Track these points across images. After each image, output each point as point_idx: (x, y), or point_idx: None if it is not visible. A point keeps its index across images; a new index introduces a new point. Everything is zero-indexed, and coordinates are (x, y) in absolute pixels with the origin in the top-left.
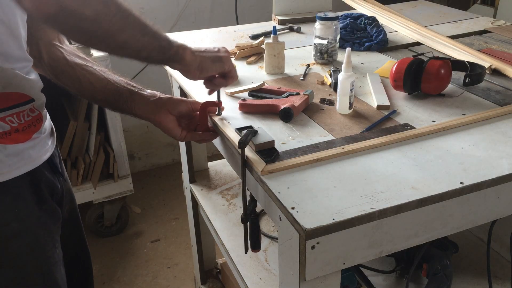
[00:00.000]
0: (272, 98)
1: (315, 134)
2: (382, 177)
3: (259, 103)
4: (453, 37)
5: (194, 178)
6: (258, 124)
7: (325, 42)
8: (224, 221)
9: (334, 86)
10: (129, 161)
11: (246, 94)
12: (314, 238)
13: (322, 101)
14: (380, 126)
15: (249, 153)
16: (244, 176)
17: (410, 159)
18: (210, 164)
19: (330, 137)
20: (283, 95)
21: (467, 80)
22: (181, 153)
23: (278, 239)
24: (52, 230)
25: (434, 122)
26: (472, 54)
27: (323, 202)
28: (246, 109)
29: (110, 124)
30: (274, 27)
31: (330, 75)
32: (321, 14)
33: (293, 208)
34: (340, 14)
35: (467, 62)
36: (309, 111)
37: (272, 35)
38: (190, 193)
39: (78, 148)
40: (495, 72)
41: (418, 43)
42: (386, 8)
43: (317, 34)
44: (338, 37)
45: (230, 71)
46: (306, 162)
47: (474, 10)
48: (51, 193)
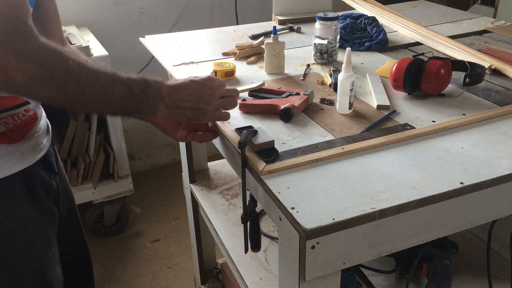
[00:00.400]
0: (272, 98)
1: (315, 134)
2: (382, 177)
3: (259, 103)
4: (453, 37)
5: (194, 178)
6: (258, 124)
7: (325, 42)
8: (224, 221)
9: (334, 86)
10: (129, 161)
11: (246, 94)
12: (314, 238)
13: (322, 101)
14: (380, 126)
15: (249, 153)
16: (244, 176)
17: (410, 159)
18: (210, 164)
19: (330, 137)
20: (283, 95)
21: (467, 80)
22: (181, 153)
23: (278, 239)
24: (46, 229)
25: (434, 122)
26: (472, 54)
27: (323, 202)
28: (246, 109)
29: (110, 124)
30: (274, 27)
31: (330, 75)
32: (321, 14)
33: (293, 208)
34: (340, 14)
35: (467, 62)
36: (309, 111)
37: (272, 35)
38: (190, 193)
39: (78, 148)
40: (495, 72)
41: (418, 43)
42: (386, 8)
43: (317, 34)
44: (338, 37)
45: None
46: (306, 162)
47: (474, 10)
48: (47, 192)
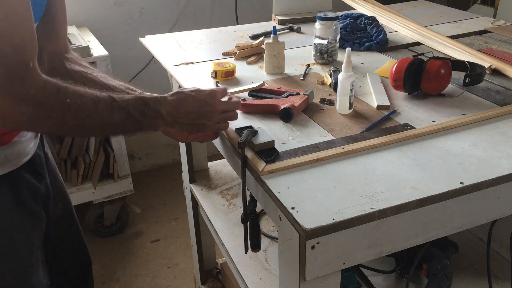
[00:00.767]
0: (272, 98)
1: (315, 134)
2: (382, 177)
3: (259, 103)
4: (453, 37)
5: (194, 178)
6: (258, 124)
7: (325, 42)
8: (224, 221)
9: (334, 86)
10: (129, 161)
11: (246, 94)
12: (314, 238)
13: (322, 101)
14: (380, 126)
15: (249, 153)
16: (244, 176)
17: (410, 159)
18: (210, 164)
19: (330, 137)
20: (283, 95)
21: (467, 80)
22: (181, 153)
23: (278, 239)
24: (30, 233)
25: (434, 122)
26: (472, 54)
27: (323, 202)
28: (246, 109)
29: None
30: (274, 27)
31: (330, 75)
32: (321, 14)
33: (293, 208)
34: (340, 14)
35: (467, 62)
36: (309, 111)
37: (272, 35)
38: (190, 193)
39: (78, 148)
40: (495, 72)
41: (418, 43)
42: (386, 8)
43: (317, 34)
44: (338, 37)
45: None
46: (306, 162)
47: (474, 10)
48: (33, 195)
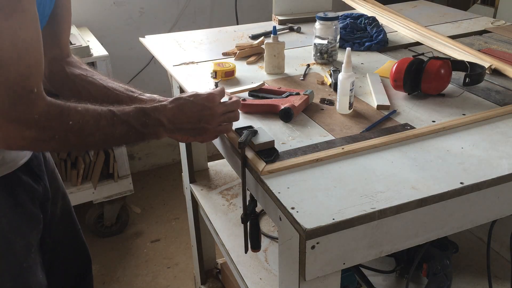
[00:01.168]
0: (272, 98)
1: (315, 134)
2: (382, 177)
3: (259, 103)
4: (453, 37)
5: (194, 178)
6: (258, 124)
7: (325, 42)
8: (224, 221)
9: (334, 86)
10: (129, 161)
11: (246, 94)
12: (314, 238)
13: (322, 101)
14: (380, 126)
15: (249, 153)
16: (244, 176)
17: (410, 159)
18: (210, 164)
19: (330, 137)
20: (283, 95)
21: (467, 80)
22: (181, 153)
23: (278, 239)
24: (27, 234)
25: (434, 122)
26: (472, 54)
27: (323, 202)
28: (246, 109)
29: None
30: (274, 27)
31: (330, 75)
32: (321, 14)
33: (293, 208)
34: (340, 14)
35: (467, 62)
36: (309, 111)
37: (272, 35)
38: (190, 193)
39: None
40: (495, 72)
41: (418, 43)
42: (386, 8)
43: (317, 34)
44: (338, 37)
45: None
46: (306, 162)
47: (474, 10)
48: (31, 197)
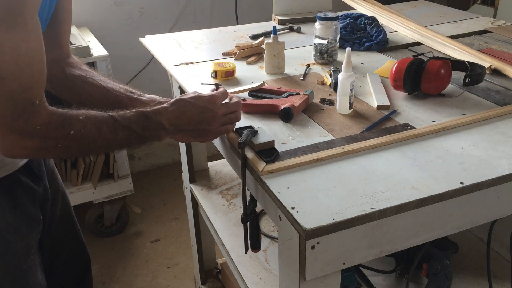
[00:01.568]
0: (272, 98)
1: (315, 134)
2: (382, 177)
3: (259, 103)
4: (453, 37)
5: (194, 178)
6: (258, 124)
7: (325, 42)
8: (224, 221)
9: (334, 86)
10: (129, 161)
11: (246, 94)
12: (314, 238)
13: (322, 101)
14: (380, 126)
15: (249, 153)
16: (244, 176)
17: (410, 159)
18: (210, 164)
19: (330, 137)
20: (283, 95)
21: (467, 80)
22: (181, 153)
23: (278, 239)
24: (26, 236)
25: (434, 122)
26: (472, 54)
27: (323, 202)
28: (246, 109)
29: None
30: (274, 27)
31: (330, 75)
32: (321, 14)
33: (293, 208)
34: (340, 14)
35: (467, 62)
36: (309, 111)
37: (272, 35)
38: (190, 193)
39: None
40: (495, 72)
41: (418, 43)
42: (386, 8)
43: (317, 34)
44: (338, 37)
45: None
46: (306, 162)
47: (474, 10)
48: (31, 198)
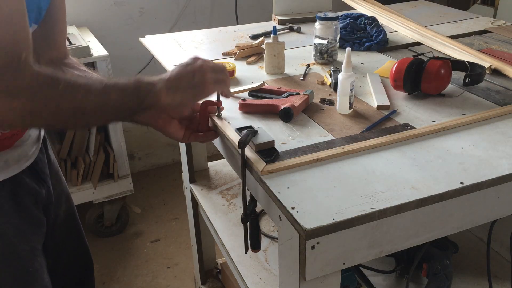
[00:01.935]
0: (272, 98)
1: (315, 134)
2: (382, 177)
3: (259, 103)
4: (453, 37)
5: (194, 178)
6: (258, 124)
7: (325, 42)
8: (224, 221)
9: (334, 86)
10: (129, 161)
11: (246, 94)
12: (314, 238)
13: (322, 101)
14: (380, 126)
15: (249, 153)
16: (244, 176)
17: (410, 159)
18: (210, 164)
19: (330, 137)
20: (283, 95)
21: (467, 80)
22: (181, 153)
23: (278, 239)
24: (31, 239)
25: (434, 122)
26: (472, 54)
27: (323, 202)
28: (246, 109)
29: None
30: (274, 27)
31: (330, 75)
32: (321, 14)
33: (293, 208)
34: (340, 14)
35: (467, 62)
36: (309, 111)
37: (272, 35)
38: (190, 193)
39: (78, 148)
40: (495, 72)
41: (418, 43)
42: (386, 8)
43: (317, 34)
44: (338, 37)
45: (220, 89)
46: (306, 162)
47: (474, 10)
48: (35, 200)
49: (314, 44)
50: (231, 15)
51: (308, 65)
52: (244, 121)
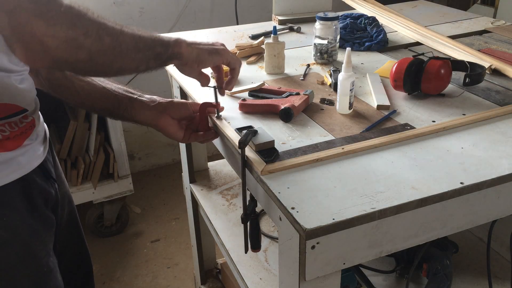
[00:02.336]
0: (272, 98)
1: (315, 134)
2: (382, 177)
3: (259, 103)
4: (453, 37)
5: (194, 178)
6: (258, 124)
7: (325, 42)
8: (224, 221)
9: (334, 86)
10: (129, 161)
11: (246, 94)
12: (314, 238)
13: (322, 101)
14: (380, 126)
15: (249, 153)
16: (244, 176)
17: (410, 159)
18: (210, 164)
19: (330, 137)
20: (283, 95)
21: (467, 80)
22: (181, 153)
23: (278, 239)
24: (44, 238)
25: (434, 122)
26: (472, 54)
27: (323, 202)
28: (246, 109)
29: (110, 124)
30: (274, 27)
31: (330, 75)
32: (321, 14)
33: (293, 208)
34: (340, 14)
35: (467, 62)
36: (309, 111)
37: (272, 35)
38: (190, 193)
39: (78, 148)
40: (495, 72)
41: (418, 43)
42: (386, 8)
43: (317, 34)
44: (338, 37)
45: (229, 63)
46: (306, 162)
47: (474, 10)
48: (45, 200)
49: (314, 44)
50: (231, 15)
51: (308, 65)
52: (244, 121)
